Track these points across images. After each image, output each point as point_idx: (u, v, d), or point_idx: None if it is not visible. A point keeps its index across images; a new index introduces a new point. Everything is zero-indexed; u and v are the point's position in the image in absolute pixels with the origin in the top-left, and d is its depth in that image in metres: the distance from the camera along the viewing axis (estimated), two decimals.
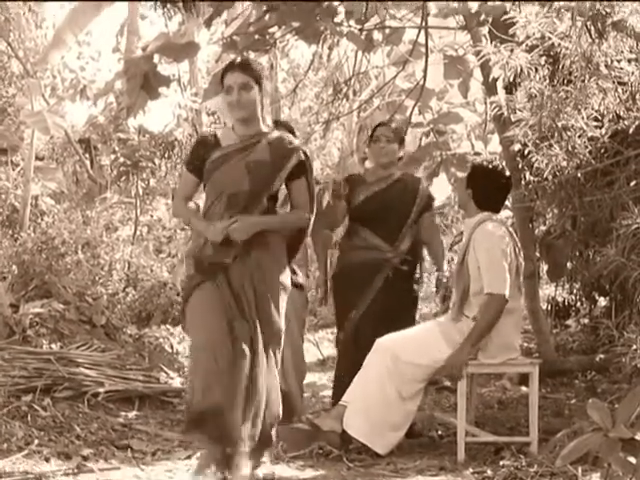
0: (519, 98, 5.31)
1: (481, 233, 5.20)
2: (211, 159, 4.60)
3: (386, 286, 5.55)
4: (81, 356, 6.65)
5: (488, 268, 5.11)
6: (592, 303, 8.94)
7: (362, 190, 5.84)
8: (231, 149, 4.61)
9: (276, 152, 4.59)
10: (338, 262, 6.02)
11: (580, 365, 7.37)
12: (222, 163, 4.57)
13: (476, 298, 5.18)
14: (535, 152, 5.39)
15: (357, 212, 5.82)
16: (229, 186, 4.55)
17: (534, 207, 7.16)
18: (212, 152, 4.62)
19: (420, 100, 7.45)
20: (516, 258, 5.32)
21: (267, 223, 4.58)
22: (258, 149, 4.59)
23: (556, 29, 4.87)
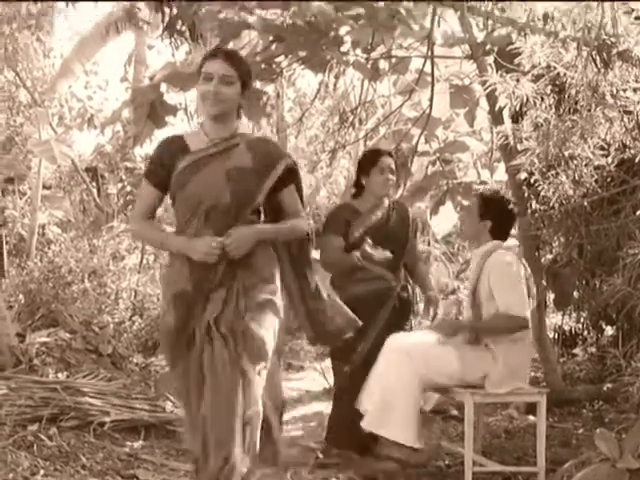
0: (525, 127, 5.33)
1: (496, 261, 5.17)
2: (179, 168, 3.89)
3: (393, 315, 5.51)
4: (87, 385, 6.63)
5: (507, 291, 5.07)
6: (599, 332, 8.90)
7: (359, 222, 5.71)
8: (203, 154, 3.91)
9: (260, 157, 3.92)
10: (343, 293, 5.90)
11: (587, 394, 7.34)
12: (195, 171, 3.87)
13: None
14: (541, 181, 5.40)
15: (357, 246, 5.68)
16: (207, 199, 3.83)
17: (540, 235, 7.14)
18: (179, 159, 3.90)
19: (426, 129, 7.47)
20: (528, 286, 5.32)
21: (265, 232, 3.96)
22: (237, 153, 3.92)
23: (562, 59, 4.90)
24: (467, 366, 5.09)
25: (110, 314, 9.03)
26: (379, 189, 5.74)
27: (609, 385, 7.26)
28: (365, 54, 6.89)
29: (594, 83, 4.86)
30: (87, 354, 7.67)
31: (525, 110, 5.37)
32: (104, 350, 7.89)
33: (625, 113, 5.02)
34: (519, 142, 5.39)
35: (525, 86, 5.09)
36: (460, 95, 7.66)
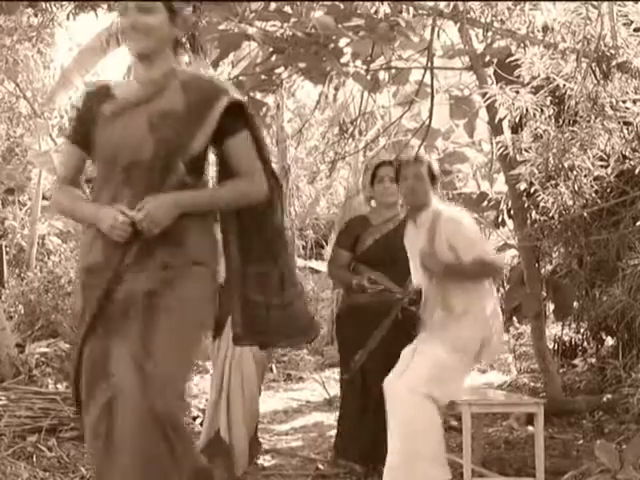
0: (525, 138, 5.34)
1: (451, 218, 4.87)
2: (100, 119, 3.12)
3: (395, 327, 5.46)
4: None
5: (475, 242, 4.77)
6: (599, 343, 8.90)
7: (369, 234, 5.76)
8: (128, 101, 3.12)
9: (194, 97, 3.04)
10: (344, 302, 5.97)
11: (587, 405, 7.33)
12: (115, 122, 3.09)
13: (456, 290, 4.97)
14: (541, 191, 5.41)
15: (366, 256, 5.71)
16: (124, 153, 3.04)
17: (540, 246, 7.16)
18: (102, 110, 3.14)
19: (426, 140, 7.48)
20: None
21: (194, 202, 3.06)
22: (166, 95, 3.08)
23: (561, 70, 4.91)
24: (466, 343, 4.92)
25: None
26: (380, 198, 5.78)
27: (609, 396, 7.25)
28: (365, 65, 6.90)
29: (594, 94, 4.88)
30: None
31: (525, 121, 5.38)
32: None
33: (625, 124, 5.04)
34: (519, 153, 5.41)
35: (525, 97, 5.10)
36: (460, 106, 7.69)
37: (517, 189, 6.21)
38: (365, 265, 5.69)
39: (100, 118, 3.12)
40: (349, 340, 5.63)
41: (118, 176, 3.06)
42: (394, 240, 5.53)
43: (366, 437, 5.41)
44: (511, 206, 7.36)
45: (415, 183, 4.85)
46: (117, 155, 3.05)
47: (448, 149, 8.90)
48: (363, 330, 5.40)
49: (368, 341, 5.33)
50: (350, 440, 5.54)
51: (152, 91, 3.11)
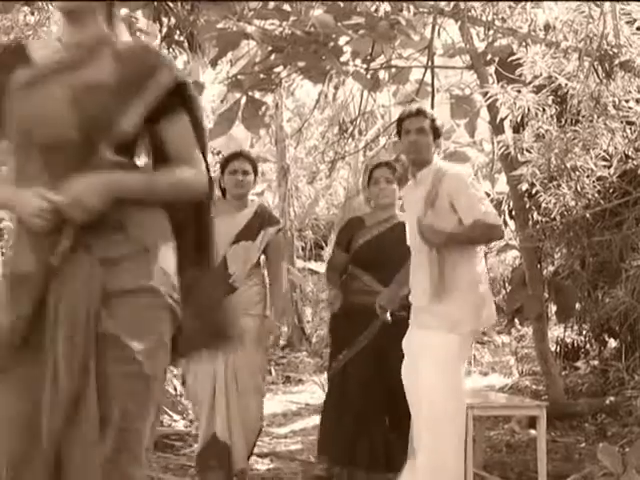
0: (526, 138, 5.34)
1: (454, 177, 4.64)
2: (13, 87, 2.53)
3: (383, 331, 5.34)
4: None
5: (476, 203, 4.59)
6: (602, 345, 8.90)
7: (362, 234, 5.71)
8: (47, 67, 2.54)
9: (129, 69, 2.51)
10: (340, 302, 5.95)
11: (590, 408, 7.33)
12: (31, 91, 2.51)
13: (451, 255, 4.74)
14: (543, 192, 5.41)
15: (357, 257, 5.68)
16: (41, 129, 2.48)
17: (542, 247, 7.16)
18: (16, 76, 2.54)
19: None
20: None
21: (128, 185, 2.50)
22: (95, 64, 2.52)
23: (563, 69, 4.91)
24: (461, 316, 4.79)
25: None
26: (376, 200, 5.74)
27: (612, 398, 7.26)
28: (365, 64, 6.90)
29: (596, 94, 4.88)
30: None
31: (526, 121, 5.38)
32: None
33: (627, 124, 5.03)
34: (520, 153, 5.40)
35: (526, 97, 5.10)
36: (461, 106, 7.68)
37: (519, 189, 6.21)
38: (357, 266, 5.67)
39: (12, 86, 2.52)
40: (341, 340, 5.65)
41: (35, 157, 2.49)
42: (386, 242, 5.53)
43: (344, 438, 5.37)
44: (513, 207, 7.37)
45: (418, 137, 4.70)
46: (33, 132, 2.48)
47: (449, 149, 8.89)
48: (356, 331, 5.46)
49: (353, 343, 5.38)
50: (329, 440, 5.52)
51: (78, 57, 2.54)
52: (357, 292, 5.56)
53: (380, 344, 5.33)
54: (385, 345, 5.30)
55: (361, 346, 5.42)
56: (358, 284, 5.61)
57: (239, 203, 5.34)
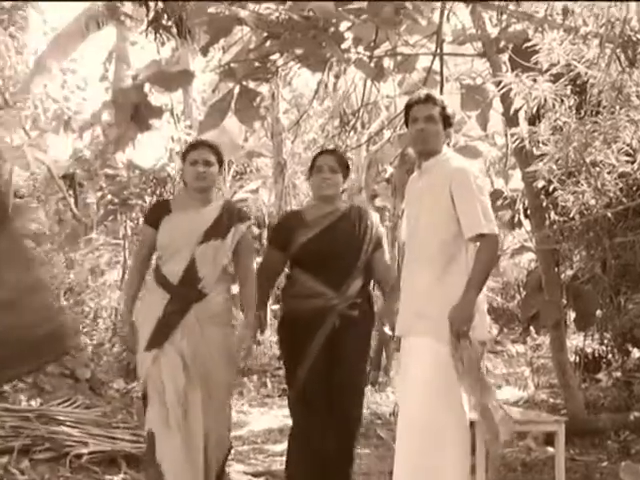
0: (543, 130, 5.34)
1: (461, 171, 4.60)
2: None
3: (333, 336, 5.20)
4: (63, 413, 6.62)
5: (475, 206, 4.61)
6: (625, 355, 8.91)
7: (303, 231, 5.40)
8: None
9: None
10: (282, 314, 5.62)
11: (612, 424, 7.34)
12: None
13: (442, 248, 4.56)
14: (561, 189, 5.41)
15: (298, 257, 5.40)
16: None
17: (560, 249, 7.16)
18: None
19: None
20: None
21: None
22: None
23: (583, 57, 4.91)
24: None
25: (88, 335, 9.03)
26: (315, 190, 5.50)
27: (636, 414, 7.26)
28: (368, 52, 6.90)
29: (618, 83, 4.88)
30: (63, 379, 7.66)
31: (543, 112, 5.38)
32: (82, 375, 7.88)
33: None
34: (536, 147, 5.40)
35: (543, 86, 5.10)
36: (472, 96, 7.67)
37: (534, 187, 6.22)
38: (298, 268, 5.42)
39: None
40: (290, 355, 5.41)
41: None
42: (332, 239, 5.35)
43: (314, 463, 5.19)
44: (528, 205, 7.38)
45: (426, 126, 4.66)
46: None
47: (459, 143, 8.90)
48: (302, 343, 5.26)
49: (305, 355, 5.16)
50: (296, 466, 5.32)
51: None
52: (300, 297, 5.34)
53: (335, 350, 5.20)
54: (341, 350, 5.20)
55: (313, 357, 5.22)
56: (301, 288, 5.37)
57: (202, 197, 5.16)
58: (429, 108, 4.66)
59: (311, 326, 5.23)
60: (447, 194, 4.49)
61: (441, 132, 4.67)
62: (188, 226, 4.99)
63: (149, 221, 5.18)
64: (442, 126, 4.67)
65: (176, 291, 4.94)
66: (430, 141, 4.65)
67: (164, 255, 5.05)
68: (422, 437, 4.39)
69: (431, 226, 4.56)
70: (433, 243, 4.52)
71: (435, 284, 4.49)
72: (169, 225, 5.04)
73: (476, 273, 4.46)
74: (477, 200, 4.46)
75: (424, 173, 4.67)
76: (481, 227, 4.42)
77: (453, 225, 4.48)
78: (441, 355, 4.41)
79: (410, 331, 4.57)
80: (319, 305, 5.24)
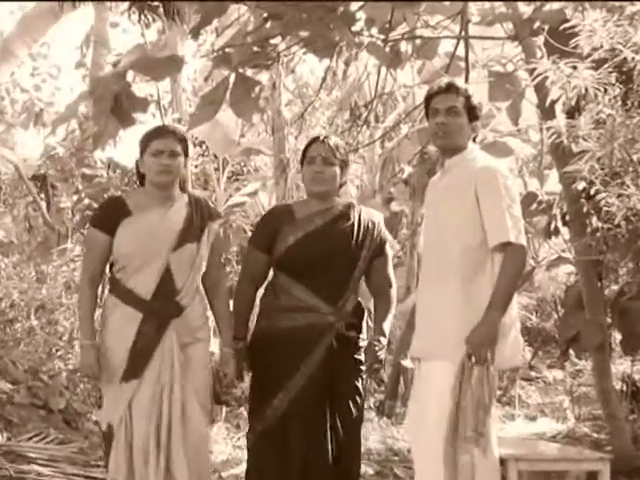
0: (583, 124, 5.34)
1: (490, 172, 4.60)
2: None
3: (327, 360, 5.00)
4: (33, 450, 6.63)
5: (503, 212, 4.62)
6: None
7: (291, 230, 5.17)
8: None
9: None
10: (257, 328, 5.26)
11: None
12: None
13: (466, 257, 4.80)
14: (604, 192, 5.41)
15: (285, 262, 5.16)
16: None
17: (603, 261, 7.15)
18: None
19: None
20: None
21: None
22: None
23: (629, 40, 4.91)
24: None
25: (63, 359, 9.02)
26: (309, 185, 5.30)
27: None
28: (382, 35, 6.91)
29: None
30: (33, 410, 7.67)
31: (583, 104, 5.39)
32: (55, 405, 7.88)
33: None
34: (575, 143, 5.40)
35: (583, 74, 5.11)
36: (501, 85, 7.67)
37: (574, 189, 6.22)
38: (285, 274, 5.19)
39: None
40: (267, 379, 5.11)
41: None
42: (324, 241, 5.14)
43: None
44: (567, 210, 7.37)
45: (447, 119, 4.67)
46: None
47: (487, 139, 8.90)
48: (286, 366, 5.02)
49: (290, 381, 4.89)
50: None
51: None
52: (287, 311, 5.11)
53: (328, 377, 4.97)
54: (335, 377, 4.99)
55: (301, 384, 4.98)
56: (288, 298, 5.14)
57: (165, 194, 4.98)
58: (451, 99, 4.67)
59: (299, 347, 5.01)
60: (472, 196, 4.49)
61: (465, 126, 4.66)
62: (157, 230, 4.82)
63: (101, 225, 4.86)
64: (467, 119, 4.66)
65: (150, 307, 4.79)
66: (452, 136, 4.65)
67: (128, 266, 4.82)
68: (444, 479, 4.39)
69: (453, 232, 4.55)
70: (455, 251, 4.52)
71: (457, 299, 4.48)
72: (132, 230, 4.82)
73: (500, 289, 4.46)
74: (505, 204, 4.45)
75: (446, 172, 4.67)
76: (507, 235, 4.42)
77: (479, 231, 4.48)
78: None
79: (428, 353, 4.57)
80: (311, 322, 5.04)
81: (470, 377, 4.39)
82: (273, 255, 5.15)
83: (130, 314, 4.78)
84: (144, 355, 4.76)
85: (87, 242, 5.01)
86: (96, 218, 5.05)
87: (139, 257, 4.80)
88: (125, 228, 4.80)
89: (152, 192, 4.94)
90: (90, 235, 5.04)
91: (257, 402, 5.13)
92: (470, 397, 4.35)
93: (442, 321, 4.47)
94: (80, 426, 7.94)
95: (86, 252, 5.10)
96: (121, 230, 4.80)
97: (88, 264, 4.97)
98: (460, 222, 4.52)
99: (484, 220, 4.47)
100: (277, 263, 5.16)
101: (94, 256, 4.89)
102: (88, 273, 4.92)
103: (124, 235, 4.80)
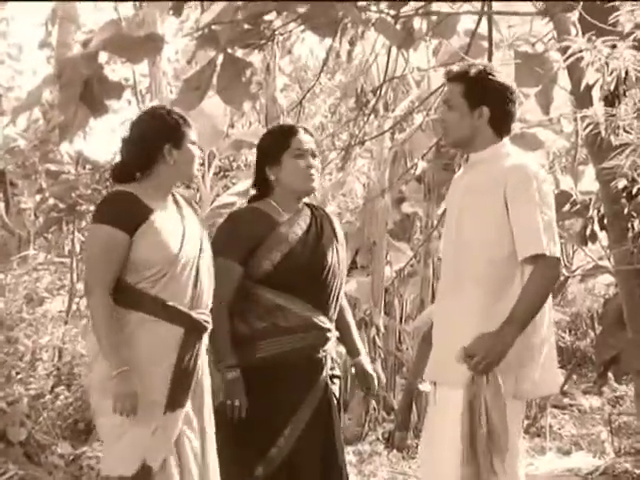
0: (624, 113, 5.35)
1: (520, 172, 4.56)
2: None
3: (329, 387, 5.05)
4: None
5: (536, 218, 4.54)
6: None
7: (279, 238, 5.14)
8: None
9: None
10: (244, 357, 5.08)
11: None
12: None
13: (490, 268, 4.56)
14: None
15: (282, 272, 5.10)
16: None
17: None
18: None
19: None
20: None
21: None
22: None
23: None
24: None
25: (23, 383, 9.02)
26: (300, 182, 5.22)
27: None
28: (393, 10, 6.92)
29: None
30: None
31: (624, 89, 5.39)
32: (14, 436, 7.89)
33: None
34: (615, 135, 5.41)
35: (624, 54, 5.11)
36: (530, 67, 7.68)
37: (613, 188, 6.23)
38: (278, 289, 5.11)
39: None
40: (265, 413, 5.03)
41: None
42: (314, 243, 5.15)
43: None
44: (605, 212, 7.37)
45: (443, 113, 4.70)
46: None
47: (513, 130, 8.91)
48: (289, 396, 5.00)
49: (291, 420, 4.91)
50: None
51: None
52: (288, 331, 5.06)
53: (331, 408, 5.05)
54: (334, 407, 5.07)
55: (305, 421, 4.97)
56: (286, 317, 5.09)
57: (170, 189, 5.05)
58: (449, 90, 4.69)
59: (304, 375, 5.02)
60: (500, 198, 4.48)
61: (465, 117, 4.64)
62: (188, 231, 4.83)
63: (122, 224, 4.68)
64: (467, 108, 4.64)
65: (192, 321, 4.74)
66: (448, 133, 4.69)
67: (160, 274, 4.70)
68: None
69: (477, 241, 4.55)
70: (479, 263, 4.52)
71: (481, 317, 4.49)
72: (162, 231, 4.74)
73: (523, 302, 4.43)
74: (538, 210, 4.45)
75: (470, 169, 4.68)
76: (540, 246, 4.42)
77: (507, 240, 4.48)
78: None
79: (444, 377, 4.58)
80: (313, 342, 5.05)
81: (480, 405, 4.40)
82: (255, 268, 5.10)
83: (166, 331, 4.69)
84: (189, 379, 4.72)
85: (103, 245, 4.72)
86: (114, 216, 4.75)
87: (177, 263, 4.73)
88: (151, 229, 4.72)
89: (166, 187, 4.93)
90: (108, 236, 4.72)
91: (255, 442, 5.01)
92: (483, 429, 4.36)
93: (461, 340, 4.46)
94: (43, 460, 7.94)
95: (102, 258, 4.72)
96: (145, 231, 4.70)
97: (106, 272, 4.69)
98: (485, 231, 4.52)
99: (514, 228, 4.46)
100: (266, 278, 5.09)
101: (112, 262, 4.68)
102: (106, 283, 4.67)
103: (151, 238, 4.71)
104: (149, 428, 4.62)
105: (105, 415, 4.63)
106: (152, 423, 4.62)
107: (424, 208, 12.16)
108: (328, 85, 15.13)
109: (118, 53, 7.47)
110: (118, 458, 4.63)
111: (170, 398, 4.64)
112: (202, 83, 7.09)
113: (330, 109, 15.63)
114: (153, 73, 15.18)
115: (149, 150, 4.84)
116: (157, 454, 4.61)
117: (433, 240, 11.44)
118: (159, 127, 4.90)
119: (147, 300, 4.68)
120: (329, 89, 15.48)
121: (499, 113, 4.69)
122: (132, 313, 4.67)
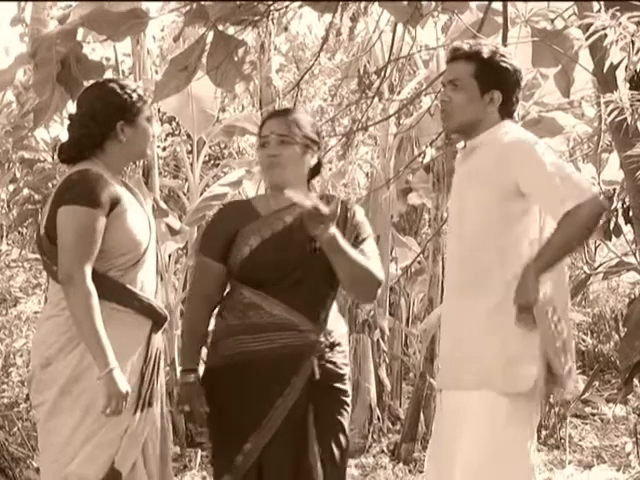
0: None
1: (522, 142, 4.61)
2: None
3: (309, 392, 4.96)
4: None
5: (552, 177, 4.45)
6: None
7: (253, 231, 5.09)
8: None
9: None
10: (218, 356, 5.15)
11: None
12: None
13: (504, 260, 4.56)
14: None
15: (250, 270, 5.08)
16: None
17: None
18: None
19: None
20: None
21: None
22: None
23: None
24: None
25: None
26: (262, 174, 5.30)
27: None
28: None
29: None
30: None
31: None
32: None
33: None
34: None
35: None
36: (548, 46, 7.68)
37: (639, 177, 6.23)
38: (250, 286, 5.10)
39: None
40: (232, 417, 5.04)
41: None
42: (296, 242, 5.06)
43: None
44: (630, 204, 7.38)
45: (448, 95, 4.69)
46: None
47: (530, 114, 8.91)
48: (257, 399, 4.95)
49: (265, 420, 4.86)
50: None
51: None
52: (260, 329, 5.02)
53: (310, 413, 4.97)
54: (320, 412, 4.99)
55: (277, 425, 4.92)
56: (259, 315, 5.05)
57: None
58: (455, 69, 4.68)
59: (276, 376, 4.95)
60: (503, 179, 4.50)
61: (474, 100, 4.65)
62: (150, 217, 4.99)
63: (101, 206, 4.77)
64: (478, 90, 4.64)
65: (157, 313, 4.88)
66: (451, 116, 4.70)
67: (131, 262, 4.83)
68: None
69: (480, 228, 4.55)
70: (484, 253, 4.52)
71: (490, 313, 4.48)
72: (131, 216, 4.89)
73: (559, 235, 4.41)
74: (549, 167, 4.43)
75: (469, 155, 4.68)
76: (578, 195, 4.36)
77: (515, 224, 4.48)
78: (503, 413, 4.43)
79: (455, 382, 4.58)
80: (290, 342, 4.98)
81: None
82: (231, 264, 5.10)
83: (135, 323, 4.80)
84: (157, 373, 4.85)
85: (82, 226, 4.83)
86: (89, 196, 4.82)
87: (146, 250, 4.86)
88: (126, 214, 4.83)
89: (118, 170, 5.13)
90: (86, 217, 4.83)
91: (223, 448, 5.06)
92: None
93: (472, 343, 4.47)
94: (17, 475, 7.96)
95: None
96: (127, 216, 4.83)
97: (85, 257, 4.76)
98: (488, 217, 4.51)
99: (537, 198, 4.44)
100: (238, 273, 5.10)
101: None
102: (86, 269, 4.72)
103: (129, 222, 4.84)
104: (120, 429, 4.68)
105: (69, 415, 4.66)
106: (123, 424, 4.68)
107: (432, 199, 12.11)
108: (328, 65, 15.13)
109: (98, 30, 7.44)
110: (84, 462, 4.65)
111: (140, 396, 4.74)
112: (190, 63, 7.08)
113: (330, 91, 15.64)
114: (136, 52, 15.19)
115: (101, 127, 4.90)
116: (127, 457, 4.68)
117: (442, 234, 11.42)
118: (112, 103, 4.95)
119: (118, 289, 4.76)
120: (329, 70, 15.49)
121: (510, 98, 4.70)
122: (103, 303, 4.68)
